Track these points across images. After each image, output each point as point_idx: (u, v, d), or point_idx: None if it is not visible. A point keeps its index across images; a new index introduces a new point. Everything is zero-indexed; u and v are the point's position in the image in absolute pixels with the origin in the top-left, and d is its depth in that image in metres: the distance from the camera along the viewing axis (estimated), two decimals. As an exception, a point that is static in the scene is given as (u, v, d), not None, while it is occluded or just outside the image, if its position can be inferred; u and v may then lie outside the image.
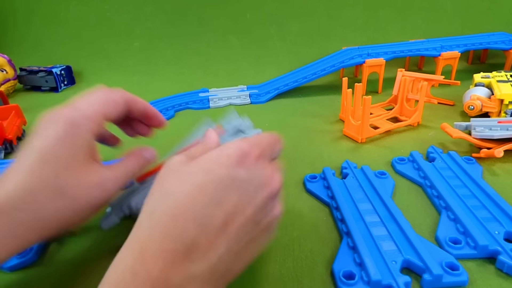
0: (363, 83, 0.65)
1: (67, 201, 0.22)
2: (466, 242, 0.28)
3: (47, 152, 0.23)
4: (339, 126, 0.52)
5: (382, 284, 0.24)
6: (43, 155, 0.22)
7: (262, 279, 0.26)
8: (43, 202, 0.22)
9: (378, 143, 0.46)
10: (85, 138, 0.24)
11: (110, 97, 0.26)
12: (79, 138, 0.24)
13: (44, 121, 0.24)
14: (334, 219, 0.32)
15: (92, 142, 0.25)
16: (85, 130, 0.24)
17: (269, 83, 0.72)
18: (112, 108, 0.26)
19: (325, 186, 0.37)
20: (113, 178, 0.25)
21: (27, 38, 1.03)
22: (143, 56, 0.95)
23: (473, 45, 0.70)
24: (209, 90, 0.72)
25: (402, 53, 0.68)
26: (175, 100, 0.67)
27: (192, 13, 0.97)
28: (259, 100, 0.65)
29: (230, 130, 0.33)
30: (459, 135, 0.42)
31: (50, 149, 0.23)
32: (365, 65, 0.64)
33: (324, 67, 0.67)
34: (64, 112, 0.24)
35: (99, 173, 0.24)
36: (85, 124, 0.24)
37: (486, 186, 0.34)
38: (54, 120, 0.24)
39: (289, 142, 0.48)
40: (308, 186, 0.37)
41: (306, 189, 0.37)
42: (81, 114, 0.24)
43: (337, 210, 0.33)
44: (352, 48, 0.70)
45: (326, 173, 0.38)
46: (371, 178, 0.37)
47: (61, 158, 0.23)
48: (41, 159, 0.22)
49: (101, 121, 0.25)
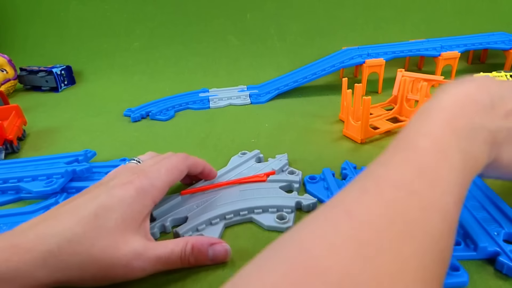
0: (363, 83, 0.65)
1: (91, 264, 0.23)
2: (465, 243, 0.28)
3: (106, 209, 0.24)
4: (339, 126, 0.52)
5: None
6: (99, 210, 0.24)
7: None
8: (73, 255, 0.23)
9: (378, 143, 0.46)
10: (145, 205, 0.26)
11: (177, 167, 0.30)
12: (140, 204, 0.26)
13: (119, 178, 0.27)
14: None
15: (150, 209, 0.27)
16: (149, 197, 0.27)
17: (269, 83, 0.72)
18: (177, 176, 0.30)
19: (325, 187, 0.37)
20: (146, 259, 0.24)
21: (27, 38, 1.03)
22: (143, 56, 0.95)
23: (473, 45, 0.70)
24: (209, 90, 0.72)
25: (402, 53, 0.68)
26: (175, 100, 0.67)
27: (192, 13, 0.97)
28: (259, 100, 0.65)
29: None
30: None
31: (109, 207, 0.24)
32: (365, 65, 0.64)
33: (324, 67, 0.67)
34: (137, 179, 0.27)
35: (134, 247, 0.24)
36: (151, 192, 0.27)
37: (485, 187, 0.34)
38: (126, 184, 0.26)
39: (289, 142, 0.48)
40: (308, 187, 0.37)
41: (306, 190, 0.37)
42: (150, 183, 0.27)
43: None
44: (352, 48, 0.70)
45: (326, 174, 0.38)
46: None
47: (112, 219, 0.24)
48: (96, 214, 0.24)
49: (166, 189, 0.29)
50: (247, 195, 0.34)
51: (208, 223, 0.31)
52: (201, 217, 0.31)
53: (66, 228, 0.23)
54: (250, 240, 0.30)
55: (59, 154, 0.46)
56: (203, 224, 0.31)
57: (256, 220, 0.32)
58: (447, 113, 0.22)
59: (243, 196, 0.34)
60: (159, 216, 0.32)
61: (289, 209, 0.32)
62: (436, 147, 0.20)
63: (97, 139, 0.53)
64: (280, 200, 0.33)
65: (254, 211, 0.32)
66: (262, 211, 0.32)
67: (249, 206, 0.32)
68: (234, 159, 0.42)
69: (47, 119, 0.63)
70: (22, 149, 0.51)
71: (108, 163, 0.43)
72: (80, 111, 0.67)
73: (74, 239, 0.23)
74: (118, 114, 0.63)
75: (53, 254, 0.22)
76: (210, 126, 0.55)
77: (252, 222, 0.32)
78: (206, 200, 0.34)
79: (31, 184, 0.37)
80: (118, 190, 0.26)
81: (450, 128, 0.21)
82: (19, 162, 0.44)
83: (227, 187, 0.36)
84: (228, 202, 0.33)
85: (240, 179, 0.37)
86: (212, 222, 0.31)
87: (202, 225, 0.31)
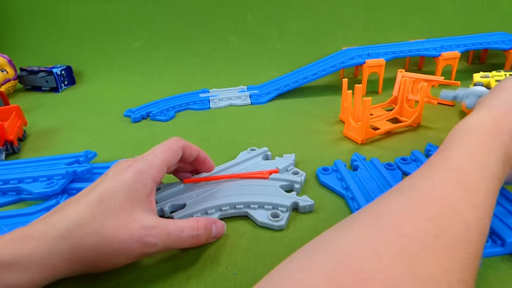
0: (363, 84, 0.65)
1: (103, 243, 0.24)
2: (492, 240, 0.28)
3: (109, 192, 0.25)
4: (339, 127, 0.52)
5: None
6: (104, 194, 0.25)
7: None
8: (84, 237, 0.23)
9: (378, 144, 0.46)
10: (146, 184, 0.27)
11: (171, 147, 0.31)
12: (140, 183, 0.27)
13: (116, 167, 0.28)
14: (351, 209, 0.33)
15: (152, 187, 0.28)
16: (148, 176, 0.28)
17: (269, 83, 0.72)
18: (172, 155, 0.31)
19: (339, 178, 0.38)
20: (156, 234, 0.25)
21: (27, 38, 1.04)
22: (143, 56, 0.95)
23: (473, 45, 0.70)
24: (210, 90, 0.72)
25: (402, 53, 0.68)
26: (175, 100, 0.67)
27: (192, 13, 0.97)
28: (260, 101, 0.65)
29: None
30: None
31: (112, 190, 0.25)
32: (365, 66, 0.65)
33: (325, 68, 0.67)
34: (135, 163, 0.28)
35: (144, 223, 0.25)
36: (149, 171, 0.28)
37: None
38: (125, 168, 0.27)
39: (289, 143, 0.48)
40: (322, 178, 0.38)
41: (320, 182, 0.38)
42: (147, 164, 0.28)
43: (353, 201, 0.34)
44: (352, 49, 0.70)
45: (338, 165, 0.39)
46: (381, 169, 0.38)
47: (117, 200, 0.25)
48: (101, 198, 0.25)
49: (163, 168, 0.30)
50: (246, 190, 0.35)
51: (203, 212, 0.32)
52: (198, 205, 0.33)
53: (74, 214, 0.24)
54: (253, 240, 0.30)
55: (59, 155, 0.46)
56: (198, 213, 0.32)
57: (250, 215, 0.33)
58: (488, 135, 0.25)
59: (242, 190, 0.35)
60: (160, 201, 0.34)
61: (285, 208, 0.33)
62: (481, 172, 0.22)
63: (98, 140, 0.53)
64: (277, 198, 0.33)
65: (250, 206, 0.33)
66: (257, 207, 0.33)
67: (246, 200, 0.33)
68: (243, 154, 0.43)
69: (47, 119, 0.63)
70: (23, 150, 0.51)
71: (108, 163, 0.43)
72: (80, 112, 0.67)
73: (83, 222, 0.24)
74: (118, 115, 0.63)
75: (64, 238, 0.23)
76: (211, 127, 0.55)
77: (247, 217, 0.33)
78: (206, 190, 0.35)
79: (31, 185, 0.37)
80: (118, 175, 0.27)
81: (491, 152, 0.24)
82: (19, 163, 0.44)
83: (228, 180, 0.37)
84: (227, 194, 0.34)
85: (243, 174, 0.38)
86: (208, 212, 0.32)
87: (197, 214, 0.32)
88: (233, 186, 0.36)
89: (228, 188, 0.35)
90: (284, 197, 0.34)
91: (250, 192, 0.35)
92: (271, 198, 0.33)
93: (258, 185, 0.36)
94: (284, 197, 0.34)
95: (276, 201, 0.33)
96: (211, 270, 0.27)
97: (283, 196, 0.34)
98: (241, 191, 0.35)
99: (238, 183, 0.36)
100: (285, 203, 0.33)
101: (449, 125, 0.50)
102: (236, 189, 0.35)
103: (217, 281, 0.26)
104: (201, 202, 0.33)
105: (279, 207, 0.33)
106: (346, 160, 0.42)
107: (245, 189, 0.35)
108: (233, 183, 0.36)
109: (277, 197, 0.34)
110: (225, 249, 0.29)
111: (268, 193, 0.34)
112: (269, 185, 0.36)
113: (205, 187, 0.36)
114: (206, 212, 0.32)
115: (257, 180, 0.37)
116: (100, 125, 0.59)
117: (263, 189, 0.35)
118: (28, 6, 1.04)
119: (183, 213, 0.32)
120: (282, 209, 0.33)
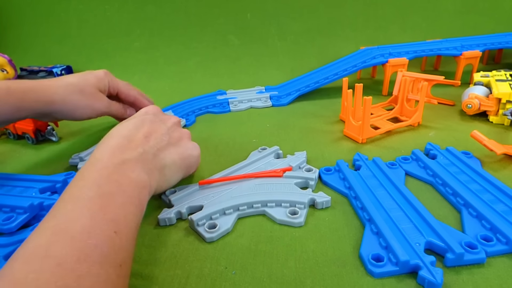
0: (385, 83, 0.64)
1: (83, 99, 0.44)
2: (496, 238, 0.28)
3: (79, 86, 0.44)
4: (340, 126, 0.52)
5: (410, 264, 0.25)
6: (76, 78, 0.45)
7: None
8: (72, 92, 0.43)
9: (379, 143, 0.46)
10: (96, 82, 0.46)
11: (93, 73, 0.47)
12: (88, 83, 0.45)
13: None
14: (354, 208, 0.33)
15: (100, 85, 0.46)
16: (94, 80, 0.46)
17: (288, 83, 0.70)
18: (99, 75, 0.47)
19: (341, 178, 0.38)
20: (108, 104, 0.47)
21: (27, 38, 1.04)
22: (143, 56, 0.95)
23: (492, 45, 0.69)
24: (227, 92, 0.69)
25: (423, 52, 0.66)
26: (194, 104, 0.63)
27: (192, 13, 0.97)
28: (281, 103, 0.62)
29: None
30: (507, 151, 0.39)
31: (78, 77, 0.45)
32: (388, 65, 0.63)
33: (346, 67, 0.64)
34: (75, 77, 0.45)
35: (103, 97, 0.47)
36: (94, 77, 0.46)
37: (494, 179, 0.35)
38: None
39: (290, 142, 0.48)
40: (325, 178, 0.38)
41: (322, 182, 0.38)
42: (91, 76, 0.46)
43: (356, 200, 0.34)
44: (372, 48, 0.68)
45: (340, 165, 0.39)
46: (384, 168, 0.38)
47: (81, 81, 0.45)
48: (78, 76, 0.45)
49: (102, 78, 0.47)
50: (262, 189, 0.35)
51: (222, 212, 0.32)
52: (216, 206, 0.33)
53: None
54: (253, 239, 0.30)
55: (38, 175, 0.39)
56: (217, 214, 0.32)
57: (268, 213, 0.33)
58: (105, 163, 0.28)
59: (258, 189, 0.35)
60: (177, 203, 0.34)
61: (302, 205, 0.33)
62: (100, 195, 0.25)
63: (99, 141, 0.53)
64: (293, 195, 0.34)
65: (267, 204, 0.33)
66: (275, 205, 0.33)
67: (262, 199, 0.33)
68: (254, 153, 0.43)
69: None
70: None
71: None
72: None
73: None
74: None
75: None
76: (212, 128, 0.55)
77: (246, 217, 0.33)
78: (222, 191, 0.35)
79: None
80: None
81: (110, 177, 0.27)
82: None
83: (243, 180, 0.37)
84: (243, 194, 0.34)
85: (257, 173, 0.38)
86: (226, 212, 0.32)
87: (216, 214, 0.32)
88: (249, 185, 0.36)
89: (243, 187, 0.36)
90: (300, 194, 0.34)
91: (265, 190, 0.35)
92: (288, 196, 0.33)
93: (273, 183, 0.36)
94: (300, 194, 0.34)
95: (293, 199, 0.33)
96: (210, 270, 0.27)
97: (299, 193, 0.34)
98: (256, 190, 0.35)
99: (253, 182, 0.36)
100: (302, 200, 0.33)
101: (449, 124, 0.50)
102: (251, 189, 0.35)
103: (216, 280, 0.26)
104: (218, 203, 0.33)
105: (296, 204, 0.33)
106: (346, 159, 0.41)
107: (260, 188, 0.35)
108: (248, 183, 0.36)
109: (294, 195, 0.34)
110: (225, 248, 0.29)
111: (284, 191, 0.35)
112: (284, 183, 0.36)
113: (221, 188, 0.36)
114: (224, 213, 0.32)
115: (271, 178, 0.37)
116: (101, 125, 0.59)
117: (278, 187, 0.35)
118: (29, 6, 1.04)
119: (201, 214, 0.32)
120: (300, 206, 0.33)
